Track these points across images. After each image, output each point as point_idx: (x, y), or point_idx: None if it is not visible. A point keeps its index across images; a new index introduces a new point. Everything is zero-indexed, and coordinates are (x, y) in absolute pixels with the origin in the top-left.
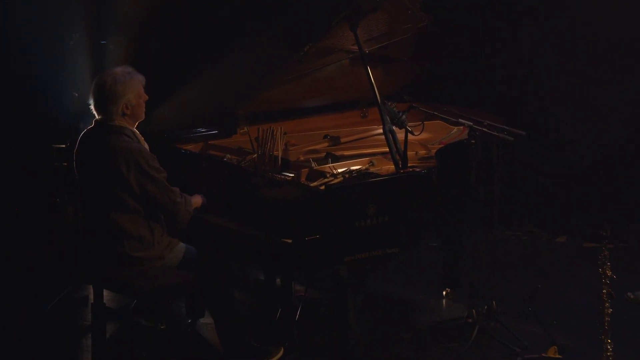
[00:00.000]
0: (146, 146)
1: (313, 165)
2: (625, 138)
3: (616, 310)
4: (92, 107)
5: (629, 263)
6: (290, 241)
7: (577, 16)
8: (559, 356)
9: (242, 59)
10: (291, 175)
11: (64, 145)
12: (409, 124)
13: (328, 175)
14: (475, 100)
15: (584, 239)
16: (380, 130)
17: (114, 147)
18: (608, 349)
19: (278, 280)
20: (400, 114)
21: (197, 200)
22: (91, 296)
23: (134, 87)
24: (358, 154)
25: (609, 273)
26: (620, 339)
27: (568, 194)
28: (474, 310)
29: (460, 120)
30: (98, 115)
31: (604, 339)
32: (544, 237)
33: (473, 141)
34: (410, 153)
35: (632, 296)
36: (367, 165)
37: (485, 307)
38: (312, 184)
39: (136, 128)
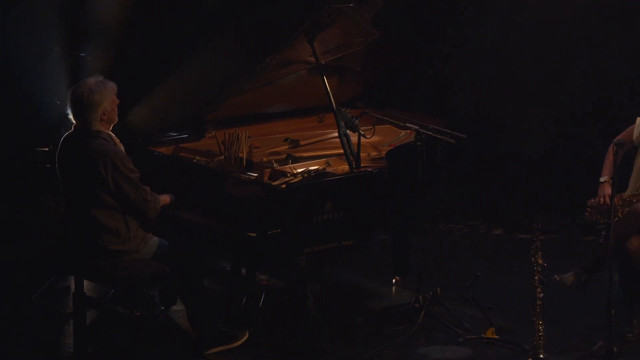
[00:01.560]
0: (122, 148)
1: (275, 165)
2: (553, 139)
3: (547, 295)
4: (70, 116)
5: (558, 252)
6: (254, 235)
7: (511, 28)
8: (496, 336)
9: (210, 69)
10: (255, 175)
11: (47, 149)
12: (362, 128)
13: (288, 175)
14: (421, 105)
15: (518, 231)
16: (336, 134)
17: (93, 150)
18: (540, 329)
19: (243, 270)
20: (354, 119)
21: (165, 198)
22: (72, 286)
23: (108, 95)
24: (316, 155)
25: (540, 261)
26: (550, 320)
27: (504, 191)
28: (420, 296)
29: (407, 124)
30: (77, 122)
31: (536, 320)
32: (482, 230)
33: (419, 143)
34: (362, 154)
35: (558, 278)
36: (324, 166)
37: (431, 293)
38: (274, 183)
39: (112, 131)
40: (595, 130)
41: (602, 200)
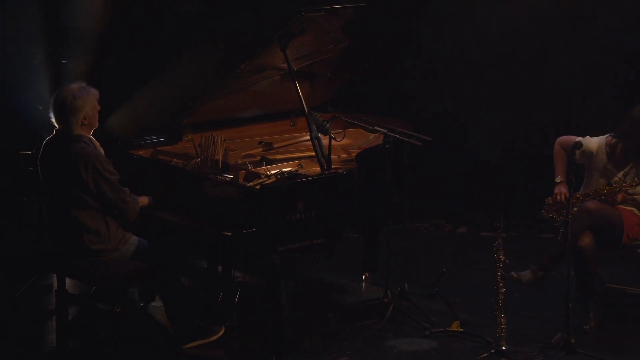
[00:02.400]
0: (102, 151)
1: (249, 167)
2: (513, 143)
3: (509, 289)
4: (53, 119)
5: (518, 249)
6: (230, 234)
7: (472, 36)
8: (461, 329)
9: (187, 75)
10: (230, 176)
11: (29, 152)
12: (332, 131)
13: (262, 176)
14: (388, 110)
15: (481, 229)
16: (308, 137)
17: (74, 153)
18: (502, 322)
19: (219, 268)
20: (325, 122)
21: (144, 199)
22: (55, 283)
23: (90, 100)
24: (288, 157)
25: (502, 258)
26: (511, 313)
27: (468, 191)
28: (389, 292)
29: (376, 127)
30: (59, 126)
31: (498, 313)
32: (447, 228)
33: (387, 146)
34: (333, 156)
35: (515, 275)
36: (297, 168)
37: (399, 289)
38: (248, 184)
39: (92, 135)
40: (554, 133)
41: (558, 197)
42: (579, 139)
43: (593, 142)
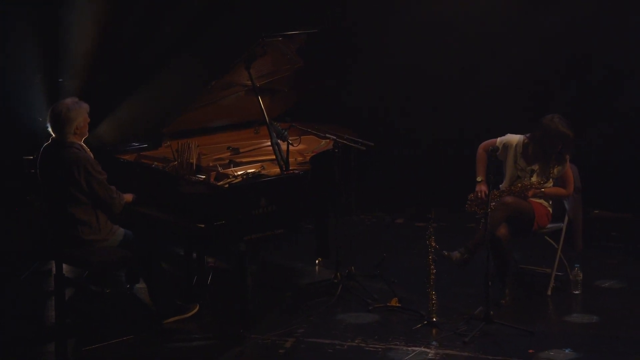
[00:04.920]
0: (91, 155)
1: (219, 169)
2: (444, 144)
3: (438, 271)
4: (49, 129)
5: (447, 237)
6: (203, 226)
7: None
8: (399, 305)
9: (165, 92)
10: (203, 177)
11: (31, 157)
12: (290, 138)
13: (231, 177)
14: (336, 119)
15: (416, 220)
16: (269, 143)
17: (68, 158)
18: (433, 298)
19: (194, 255)
20: (283, 130)
21: (128, 197)
22: (53, 269)
23: (82, 113)
24: (253, 160)
25: (433, 244)
26: (441, 290)
27: (404, 187)
28: (338, 274)
29: (327, 134)
30: (55, 134)
31: (430, 291)
32: (387, 219)
33: (336, 150)
34: (291, 159)
35: (446, 254)
36: (260, 169)
37: (347, 271)
38: (219, 183)
39: (83, 142)
40: (480, 136)
41: (479, 194)
42: (499, 139)
43: (514, 138)
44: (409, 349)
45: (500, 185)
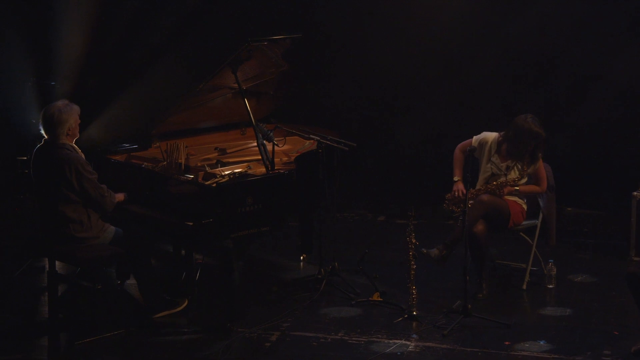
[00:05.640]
0: (82, 156)
1: (207, 169)
2: (422, 146)
3: (418, 266)
4: (42, 131)
5: (427, 234)
6: (191, 223)
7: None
8: (380, 299)
9: (154, 95)
10: (191, 176)
11: (25, 158)
12: (275, 138)
13: (218, 176)
14: (320, 121)
15: (397, 217)
16: (255, 143)
17: (60, 158)
18: (413, 292)
19: (183, 251)
20: (269, 131)
21: (119, 196)
22: (47, 265)
23: (73, 115)
24: (239, 160)
25: (414, 240)
26: (421, 285)
27: (386, 186)
28: (322, 269)
29: (311, 135)
30: (47, 136)
31: (410, 285)
32: (369, 217)
33: (320, 150)
34: (276, 159)
35: (425, 251)
36: (246, 169)
37: (330, 267)
38: (207, 183)
39: (75, 144)
40: (458, 136)
41: (456, 193)
42: (475, 137)
43: (490, 135)
44: (390, 341)
45: (477, 181)
